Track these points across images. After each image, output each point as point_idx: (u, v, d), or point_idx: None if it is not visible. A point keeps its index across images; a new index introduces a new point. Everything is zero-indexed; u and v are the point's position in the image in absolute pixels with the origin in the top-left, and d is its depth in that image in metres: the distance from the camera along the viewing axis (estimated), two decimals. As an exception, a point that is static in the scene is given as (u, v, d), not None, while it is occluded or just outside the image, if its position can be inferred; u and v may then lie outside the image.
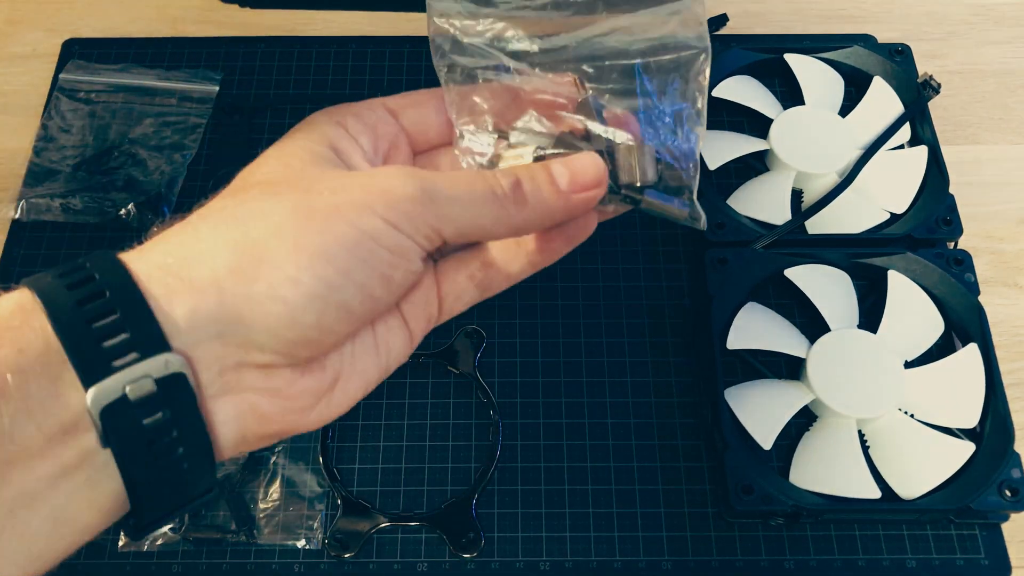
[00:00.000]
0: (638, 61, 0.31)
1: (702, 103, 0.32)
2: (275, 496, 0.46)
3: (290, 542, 0.45)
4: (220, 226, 0.27)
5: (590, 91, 0.31)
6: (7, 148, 0.57)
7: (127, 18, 0.63)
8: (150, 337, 0.24)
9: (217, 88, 0.59)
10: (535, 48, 0.32)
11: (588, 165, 0.30)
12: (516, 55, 0.32)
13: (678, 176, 0.31)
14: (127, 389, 0.24)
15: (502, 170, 0.30)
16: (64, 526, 0.25)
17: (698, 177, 0.32)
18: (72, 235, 0.54)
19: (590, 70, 0.31)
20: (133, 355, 0.24)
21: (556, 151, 0.30)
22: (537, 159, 0.30)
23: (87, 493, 0.25)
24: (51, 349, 0.24)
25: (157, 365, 0.24)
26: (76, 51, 0.60)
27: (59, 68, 0.60)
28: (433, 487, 0.47)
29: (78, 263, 0.25)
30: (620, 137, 0.31)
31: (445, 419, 0.48)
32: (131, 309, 0.24)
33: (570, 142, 0.31)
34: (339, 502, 0.46)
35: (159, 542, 0.45)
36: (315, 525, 0.45)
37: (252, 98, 0.59)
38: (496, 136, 0.32)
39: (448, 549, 0.45)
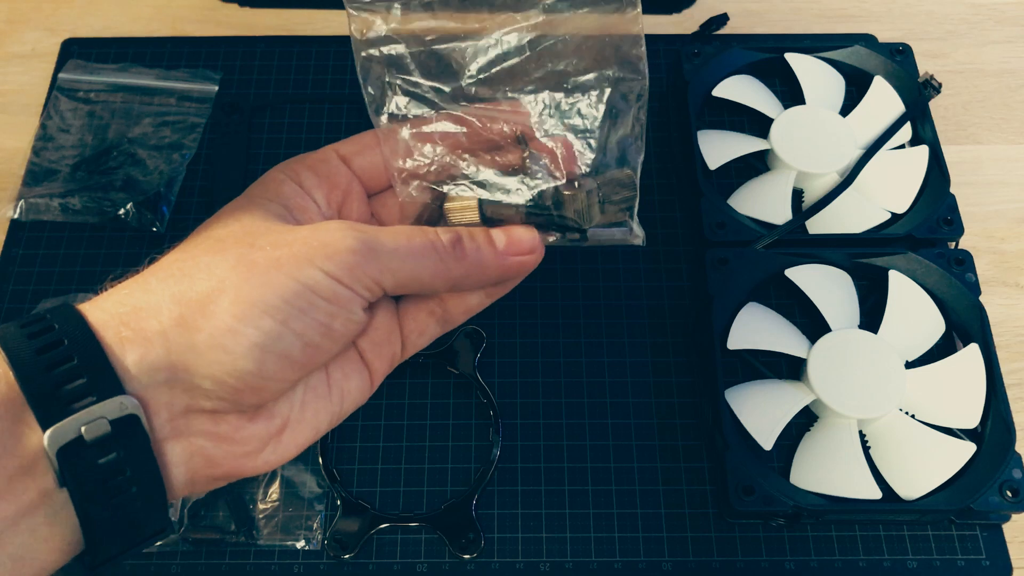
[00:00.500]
0: (579, 98, 0.32)
1: (641, 131, 0.33)
2: (274, 497, 0.46)
3: (289, 543, 0.45)
4: (168, 279, 0.28)
5: (533, 124, 0.32)
6: (6, 148, 0.57)
7: (126, 18, 0.63)
8: (105, 381, 0.26)
9: (216, 88, 0.58)
10: (473, 74, 0.32)
11: (524, 235, 0.32)
12: (453, 88, 0.32)
13: (618, 207, 0.32)
14: (83, 430, 0.25)
15: (443, 228, 0.32)
16: (24, 565, 0.26)
17: (637, 201, 0.32)
18: (71, 235, 0.54)
19: (531, 100, 0.32)
20: (90, 398, 0.26)
21: (497, 200, 0.32)
22: (480, 208, 0.32)
23: (46, 532, 0.26)
24: (13, 394, 0.25)
25: (112, 407, 0.26)
26: (75, 51, 0.60)
27: (58, 67, 0.60)
28: (433, 488, 0.47)
29: (39, 314, 0.27)
30: (562, 180, 0.32)
31: (445, 419, 0.48)
32: (88, 356, 0.26)
33: (510, 187, 0.32)
34: (338, 503, 0.46)
35: (158, 543, 0.45)
36: (314, 526, 0.45)
37: (251, 98, 0.59)
38: (436, 186, 0.33)
39: (448, 550, 0.45)
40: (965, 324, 0.48)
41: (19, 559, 0.25)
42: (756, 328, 0.48)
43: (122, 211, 0.53)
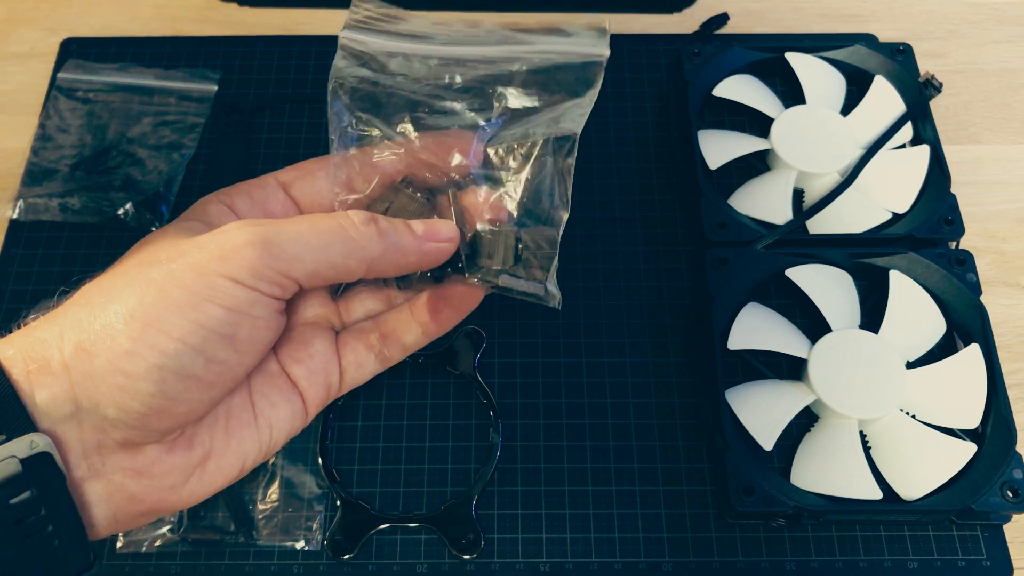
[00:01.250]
0: (511, 146, 0.33)
1: (568, 188, 0.33)
2: (274, 497, 0.46)
3: (289, 543, 0.45)
4: (72, 308, 0.28)
5: (472, 168, 0.32)
6: (5, 148, 0.57)
7: (125, 17, 0.63)
8: (15, 419, 0.25)
9: (216, 87, 0.58)
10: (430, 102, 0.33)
11: (442, 225, 0.31)
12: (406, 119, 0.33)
13: (538, 263, 0.33)
14: None
15: (354, 210, 0.30)
16: None
17: (556, 260, 0.33)
18: (70, 235, 0.54)
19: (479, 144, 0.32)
20: (1, 437, 0.25)
21: None
22: None
23: None
24: None
25: (22, 445, 0.25)
26: (74, 50, 0.60)
27: (57, 67, 0.60)
28: (433, 488, 0.46)
29: None
30: (485, 222, 0.32)
31: (445, 420, 0.48)
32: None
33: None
34: (338, 503, 0.45)
35: (157, 543, 0.45)
36: (314, 526, 0.45)
37: (251, 97, 0.58)
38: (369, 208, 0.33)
39: (448, 550, 0.45)
40: (966, 324, 0.48)
41: None
42: (756, 328, 0.48)
43: (121, 211, 0.53)
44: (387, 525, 0.45)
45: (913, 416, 0.46)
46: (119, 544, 0.45)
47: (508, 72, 0.33)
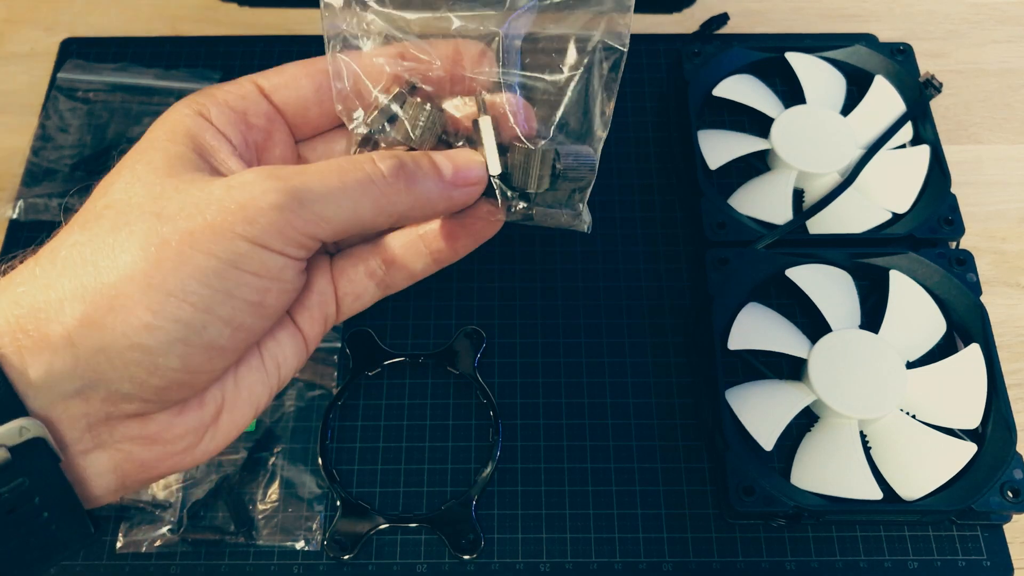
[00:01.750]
0: (551, 55, 0.29)
1: (610, 108, 0.29)
2: (274, 497, 0.46)
3: (289, 543, 0.45)
4: (68, 269, 0.24)
5: (499, 72, 0.28)
6: (5, 147, 0.57)
7: (125, 17, 0.63)
8: (3, 403, 0.23)
9: (216, 87, 0.58)
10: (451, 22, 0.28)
11: (471, 160, 0.27)
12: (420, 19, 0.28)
13: (573, 184, 0.29)
14: None
15: (380, 153, 0.27)
16: None
17: (593, 183, 0.29)
18: (70, 235, 0.54)
19: (503, 51, 0.28)
20: None
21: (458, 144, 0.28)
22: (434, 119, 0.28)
23: None
24: None
25: (11, 433, 0.23)
26: (74, 50, 0.60)
27: (57, 67, 0.60)
28: (433, 488, 0.46)
29: None
30: (520, 137, 0.28)
31: (445, 420, 0.48)
32: None
33: (468, 136, 0.28)
34: (338, 503, 0.45)
35: (157, 543, 0.45)
36: (314, 526, 0.45)
37: (251, 97, 0.58)
38: (390, 119, 0.28)
39: (448, 550, 0.45)
40: (966, 324, 0.48)
41: None
42: (756, 328, 0.48)
43: (121, 211, 0.53)
44: (387, 525, 0.45)
45: (913, 416, 0.46)
46: (119, 544, 0.45)
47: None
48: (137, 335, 0.24)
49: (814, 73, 0.56)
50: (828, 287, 0.49)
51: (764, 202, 0.52)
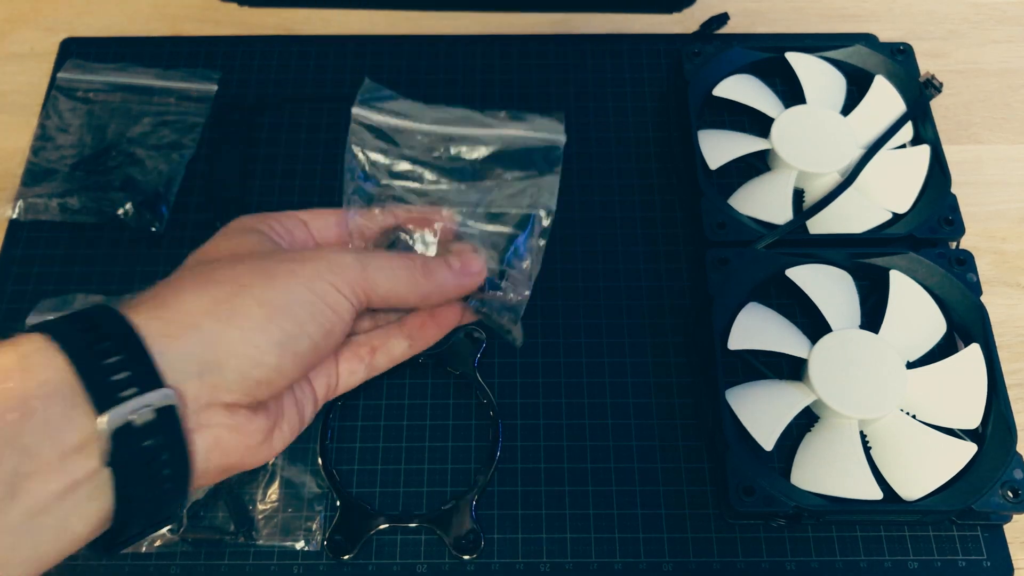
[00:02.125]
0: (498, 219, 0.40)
1: (538, 265, 0.40)
2: (274, 497, 0.46)
3: (289, 543, 0.45)
4: (199, 285, 0.32)
5: (457, 223, 0.40)
6: (5, 147, 0.57)
7: (125, 17, 0.63)
8: (149, 374, 0.29)
9: (215, 87, 0.58)
10: (427, 188, 0.40)
11: (473, 259, 0.38)
12: (408, 188, 0.40)
13: (509, 301, 0.39)
14: (133, 416, 0.28)
15: (418, 255, 0.38)
16: (64, 535, 0.28)
17: (523, 309, 0.39)
18: (70, 235, 0.54)
19: (462, 211, 0.40)
20: (134, 389, 0.28)
21: None
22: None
23: (85, 507, 0.28)
24: (67, 382, 0.28)
25: (156, 397, 0.28)
26: (74, 50, 0.60)
27: (57, 67, 0.60)
28: (432, 488, 0.46)
29: (83, 313, 0.30)
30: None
31: (444, 420, 0.48)
32: (132, 351, 0.29)
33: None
34: (338, 503, 0.45)
35: (157, 543, 0.45)
36: (314, 526, 0.45)
37: (250, 97, 0.58)
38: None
39: (448, 550, 0.45)
40: (966, 324, 0.48)
41: (61, 530, 0.28)
42: (756, 328, 0.48)
43: (121, 211, 0.53)
44: (387, 525, 0.45)
45: (913, 416, 0.46)
46: (119, 544, 0.45)
47: (486, 149, 0.40)
48: (252, 333, 0.31)
49: (814, 73, 0.56)
50: (828, 287, 0.49)
51: (764, 202, 0.52)
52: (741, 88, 0.55)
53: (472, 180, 0.40)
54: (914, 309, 0.48)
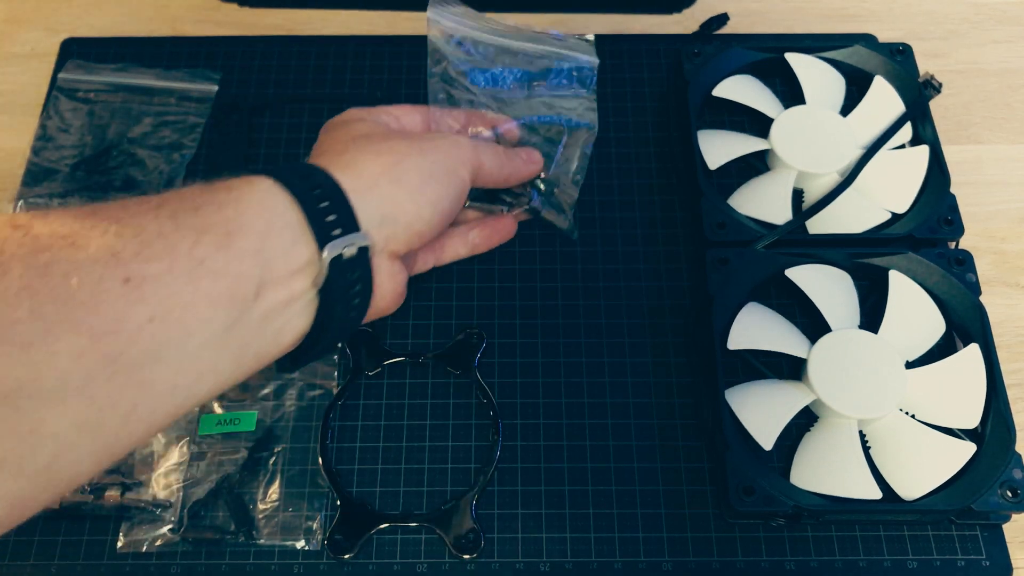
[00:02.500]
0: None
1: (585, 167, 0.50)
2: (274, 497, 0.46)
3: (289, 543, 0.45)
4: (371, 154, 0.39)
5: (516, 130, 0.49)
6: (5, 148, 0.57)
7: (126, 17, 0.63)
8: (350, 220, 0.36)
9: (216, 87, 0.58)
10: (490, 94, 0.49)
11: (535, 152, 0.47)
12: (474, 92, 0.49)
13: (563, 201, 0.49)
14: (343, 250, 0.35)
15: (497, 144, 0.47)
16: (278, 340, 0.35)
17: (575, 202, 0.49)
18: (71, 235, 0.54)
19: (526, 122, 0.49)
20: (340, 230, 0.35)
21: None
22: None
23: (295, 321, 0.35)
24: (296, 218, 0.34)
25: (359, 237, 0.36)
26: (75, 50, 0.60)
27: (58, 67, 0.60)
28: (433, 488, 0.47)
29: (297, 166, 0.37)
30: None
31: (445, 420, 0.48)
32: (337, 200, 0.36)
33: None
34: (338, 503, 0.45)
35: (158, 543, 0.45)
36: (314, 526, 0.45)
37: (251, 97, 0.59)
38: None
39: (448, 550, 0.45)
40: (965, 324, 0.48)
41: (276, 335, 0.34)
42: (756, 328, 0.48)
43: (122, 211, 0.53)
44: (387, 525, 0.45)
45: (912, 416, 0.46)
46: (120, 544, 0.45)
47: (535, 64, 0.48)
48: (416, 192, 0.39)
49: (814, 73, 0.56)
50: (828, 287, 0.49)
51: (764, 202, 0.52)
52: (741, 88, 0.56)
53: (524, 93, 0.48)
54: (913, 309, 0.48)
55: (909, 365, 0.47)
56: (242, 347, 0.33)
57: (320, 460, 0.47)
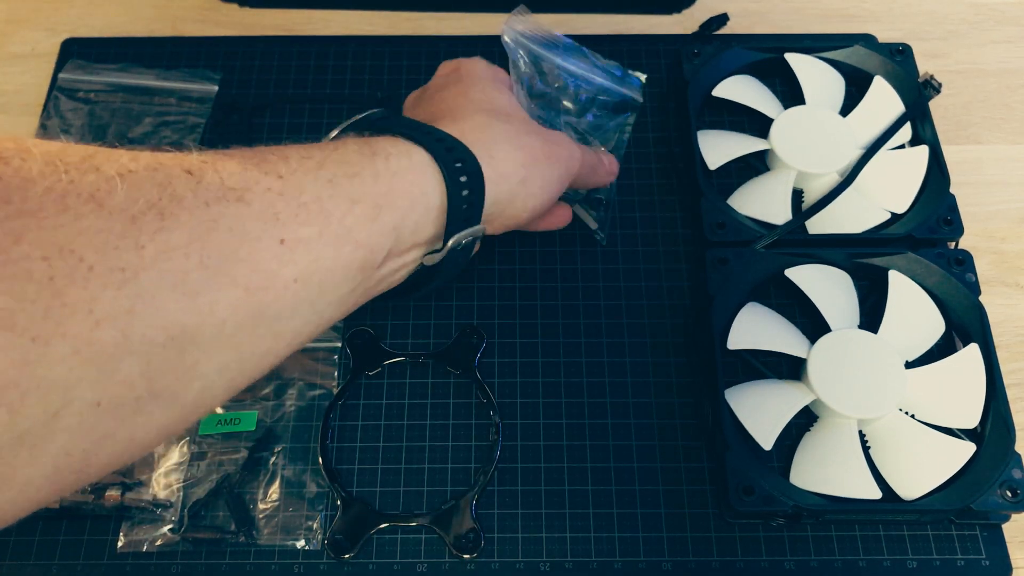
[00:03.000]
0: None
1: (612, 186, 0.53)
2: (274, 496, 0.46)
3: (289, 543, 0.45)
4: (508, 149, 0.42)
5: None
6: (6, 148, 0.57)
7: (126, 18, 0.63)
8: (479, 213, 0.40)
9: (216, 88, 0.58)
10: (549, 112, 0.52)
11: (616, 164, 0.51)
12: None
13: (599, 208, 0.54)
14: (464, 240, 0.40)
15: (599, 153, 0.50)
16: (385, 283, 0.39)
17: (609, 212, 0.54)
18: (71, 235, 0.54)
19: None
20: (467, 221, 0.39)
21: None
22: None
23: (396, 278, 0.40)
24: (438, 201, 0.38)
25: (479, 230, 0.41)
26: (75, 51, 0.60)
27: (58, 68, 0.60)
28: (433, 487, 0.47)
29: (452, 142, 0.39)
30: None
31: (445, 419, 0.48)
32: (477, 190, 0.39)
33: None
34: (338, 503, 0.46)
35: (158, 543, 0.45)
36: (314, 526, 0.45)
37: (251, 98, 0.59)
38: None
39: (448, 550, 0.45)
40: (965, 324, 0.48)
41: (385, 286, 0.39)
42: (756, 328, 0.48)
43: (122, 211, 0.53)
44: (387, 524, 0.45)
45: (912, 416, 0.46)
46: (120, 544, 0.45)
47: (586, 91, 0.52)
48: (540, 191, 0.43)
49: (813, 73, 0.56)
50: (827, 287, 0.49)
51: (763, 202, 0.52)
52: (740, 88, 0.56)
53: (575, 113, 0.51)
54: (913, 309, 0.48)
55: (909, 365, 0.47)
56: (353, 303, 0.37)
57: (320, 460, 0.47)
